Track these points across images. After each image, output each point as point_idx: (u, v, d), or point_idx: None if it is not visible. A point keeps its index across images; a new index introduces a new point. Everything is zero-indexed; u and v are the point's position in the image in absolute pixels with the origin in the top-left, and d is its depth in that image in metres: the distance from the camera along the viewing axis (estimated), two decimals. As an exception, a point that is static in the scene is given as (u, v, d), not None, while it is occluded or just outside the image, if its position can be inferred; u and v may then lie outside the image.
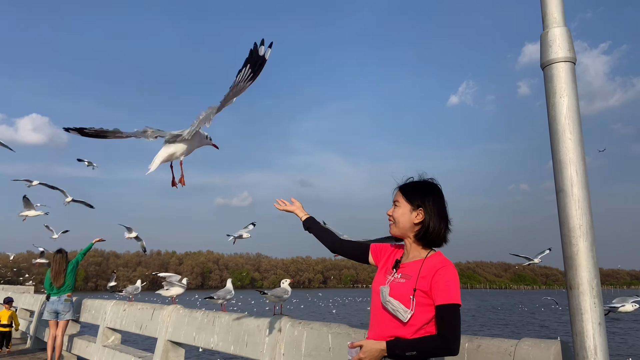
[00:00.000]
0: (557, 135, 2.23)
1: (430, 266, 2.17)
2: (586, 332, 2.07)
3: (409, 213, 2.27)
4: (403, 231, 2.29)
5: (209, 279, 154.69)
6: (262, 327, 4.43)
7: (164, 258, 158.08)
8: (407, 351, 2.05)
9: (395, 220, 2.30)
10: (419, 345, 2.05)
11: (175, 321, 5.86)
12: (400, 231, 2.30)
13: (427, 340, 2.07)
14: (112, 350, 7.15)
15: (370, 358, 2.10)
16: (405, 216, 2.27)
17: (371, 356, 2.10)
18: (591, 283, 2.10)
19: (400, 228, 2.29)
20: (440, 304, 2.08)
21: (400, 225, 2.28)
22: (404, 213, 2.27)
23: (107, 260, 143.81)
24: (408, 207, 2.27)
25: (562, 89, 2.25)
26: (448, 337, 2.03)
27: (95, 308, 8.39)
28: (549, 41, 2.32)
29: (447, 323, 2.05)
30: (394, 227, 2.31)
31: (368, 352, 2.10)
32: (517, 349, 2.49)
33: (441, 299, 2.08)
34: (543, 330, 30.46)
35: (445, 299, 2.08)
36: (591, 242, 2.13)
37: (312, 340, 3.83)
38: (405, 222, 2.27)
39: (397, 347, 2.07)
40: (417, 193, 2.28)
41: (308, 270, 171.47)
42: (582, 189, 2.16)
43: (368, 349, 2.10)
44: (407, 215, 2.27)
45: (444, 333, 2.04)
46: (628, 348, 21.19)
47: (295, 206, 2.84)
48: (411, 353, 2.05)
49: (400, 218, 2.28)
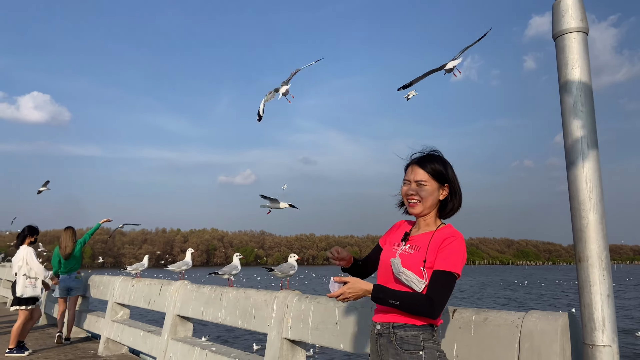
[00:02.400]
0: (568, 107, 2.20)
1: (439, 237, 2.18)
2: (595, 304, 2.07)
3: (437, 191, 2.26)
4: (428, 210, 2.26)
5: (213, 256, 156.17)
6: (269, 301, 4.47)
7: (169, 236, 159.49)
8: (390, 299, 2.07)
9: (422, 200, 2.24)
10: (404, 299, 2.07)
11: (183, 296, 5.93)
12: (425, 210, 2.26)
13: (413, 295, 2.08)
14: (121, 324, 7.26)
15: (354, 295, 2.11)
16: (433, 195, 2.25)
17: (355, 293, 2.10)
18: (600, 255, 2.09)
19: (428, 207, 2.25)
20: (438, 269, 2.09)
21: (428, 204, 2.25)
22: (432, 192, 2.24)
23: (114, 238, 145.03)
24: (435, 185, 2.25)
25: (575, 59, 2.21)
26: (434, 300, 2.03)
27: (104, 284, 8.50)
28: (561, 11, 2.26)
29: (438, 287, 2.06)
30: (420, 205, 2.25)
31: (353, 288, 2.10)
32: (524, 321, 2.50)
33: (440, 265, 2.09)
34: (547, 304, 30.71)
35: (444, 266, 2.09)
36: (601, 214, 2.12)
37: (319, 314, 3.87)
38: (433, 200, 2.25)
39: (382, 292, 2.10)
40: (442, 170, 2.26)
41: (312, 247, 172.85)
42: (592, 162, 2.14)
43: (354, 285, 2.10)
44: (435, 193, 2.25)
45: (431, 295, 2.05)
46: (635, 322, 21.36)
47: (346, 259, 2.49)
48: (394, 302, 2.07)
49: (429, 197, 2.24)
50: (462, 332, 2.75)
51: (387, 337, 2.18)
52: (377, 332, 2.24)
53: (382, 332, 2.20)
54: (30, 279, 7.38)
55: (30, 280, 7.38)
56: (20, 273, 7.36)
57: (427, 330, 2.15)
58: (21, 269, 7.36)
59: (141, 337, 6.56)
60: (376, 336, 2.24)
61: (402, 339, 2.14)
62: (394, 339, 2.15)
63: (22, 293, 7.32)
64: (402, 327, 2.15)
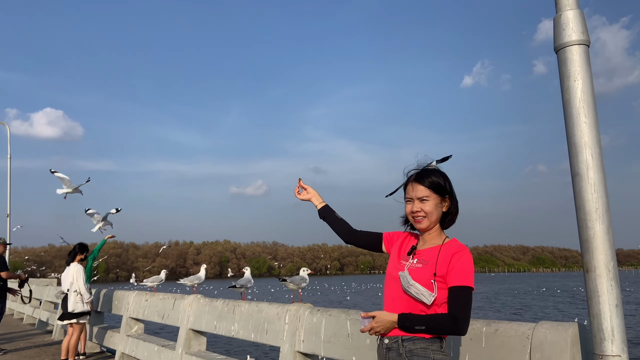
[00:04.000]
0: (572, 119, 2.23)
1: (447, 251, 2.21)
2: (603, 314, 2.08)
3: (440, 205, 2.30)
4: (434, 224, 2.31)
5: (226, 268, 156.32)
6: (282, 314, 4.50)
7: (182, 249, 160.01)
8: (417, 325, 2.13)
9: (427, 215, 2.28)
10: (429, 322, 2.12)
11: (196, 310, 5.98)
12: (432, 224, 2.31)
13: (437, 317, 2.12)
14: (136, 339, 7.32)
15: (382, 327, 2.20)
16: (437, 208, 2.30)
17: (383, 326, 2.19)
18: (608, 266, 2.10)
19: (433, 221, 2.30)
20: (454, 285, 2.13)
21: (434, 219, 2.29)
22: (436, 206, 2.29)
23: (127, 251, 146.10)
24: (438, 198, 2.29)
25: (577, 72, 2.24)
26: (458, 317, 2.08)
27: (118, 299, 8.58)
28: (562, 24, 2.30)
29: (458, 304, 2.10)
30: (426, 221, 2.29)
31: (380, 322, 2.19)
32: (534, 332, 2.51)
33: (455, 281, 2.13)
34: (560, 314, 30.29)
35: (459, 281, 2.13)
36: (607, 225, 2.13)
37: (331, 327, 3.89)
38: (438, 214, 2.30)
39: (408, 319, 2.15)
40: (441, 183, 2.30)
41: (325, 258, 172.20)
42: (597, 172, 2.16)
43: (381, 318, 2.19)
44: (438, 207, 2.30)
45: (454, 313, 2.09)
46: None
47: (311, 194, 2.86)
48: (420, 327, 2.12)
49: (434, 212, 2.28)
50: (474, 344, 2.76)
51: (397, 351, 2.20)
52: (385, 347, 2.26)
53: (391, 346, 2.23)
54: (81, 295, 7.73)
55: (80, 296, 7.73)
56: (71, 289, 7.71)
57: (436, 342, 2.18)
58: (72, 286, 7.71)
59: (155, 351, 6.60)
60: (384, 350, 2.26)
61: (411, 352, 2.16)
62: (404, 352, 2.17)
63: (74, 309, 7.69)
64: (411, 340, 2.18)
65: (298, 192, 2.90)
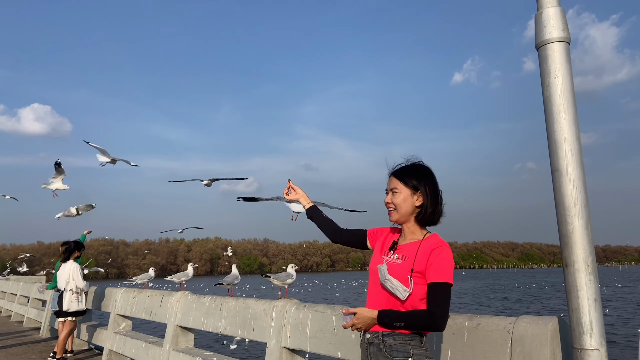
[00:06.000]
0: (551, 116, 2.24)
1: (426, 247, 2.22)
2: (582, 308, 2.10)
3: (410, 197, 2.32)
4: (405, 217, 2.33)
5: (217, 265, 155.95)
6: (268, 310, 4.50)
7: (172, 246, 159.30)
8: (395, 322, 2.15)
9: (396, 207, 2.33)
10: (408, 318, 2.14)
11: (184, 307, 5.97)
12: (402, 217, 2.33)
13: (416, 314, 2.14)
14: (124, 336, 7.29)
15: (363, 324, 2.23)
16: (407, 201, 2.31)
17: (364, 322, 2.22)
18: (586, 260, 2.13)
19: (403, 214, 2.32)
20: (432, 281, 2.14)
21: (403, 211, 2.32)
22: (405, 198, 2.31)
23: (117, 248, 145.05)
24: (408, 192, 2.32)
25: (557, 69, 2.26)
26: (436, 314, 2.10)
27: (106, 296, 8.53)
28: (543, 21, 2.32)
29: (436, 300, 2.12)
30: (395, 213, 2.34)
31: (361, 318, 2.22)
32: (515, 326, 2.53)
33: (433, 277, 2.15)
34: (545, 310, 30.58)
35: (437, 277, 2.14)
36: (586, 220, 2.16)
37: (317, 323, 3.91)
38: (408, 207, 2.32)
39: (387, 316, 2.18)
40: (414, 177, 2.33)
41: (315, 255, 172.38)
42: (577, 169, 2.18)
43: (361, 315, 2.22)
44: (408, 200, 2.31)
45: (432, 309, 2.11)
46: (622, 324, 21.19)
47: (299, 194, 2.89)
48: (399, 324, 2.15)
49: (402, 204, 2.31)
50: (456, 338, 2.79)
51: (377, 346, 2.22)
52: (367, 341, 2.28)
53: (372, 341, 2.25)
54: (76, 294, 7.69)
55: (75, 295, 7.68)
56: (67, 288, 7.67)
57: (415, 338, 2.20)
58: (68, 284, 7.68)
59: (143, 348, 6.58)
60: (366, 345, 2.28)
61: (391, 347, 2.18)
62: (384, 347, 2.19)
63: (68, 307, 7.66)
64: (391, 336, 2.19)
65: (287, 193, 2.93)
